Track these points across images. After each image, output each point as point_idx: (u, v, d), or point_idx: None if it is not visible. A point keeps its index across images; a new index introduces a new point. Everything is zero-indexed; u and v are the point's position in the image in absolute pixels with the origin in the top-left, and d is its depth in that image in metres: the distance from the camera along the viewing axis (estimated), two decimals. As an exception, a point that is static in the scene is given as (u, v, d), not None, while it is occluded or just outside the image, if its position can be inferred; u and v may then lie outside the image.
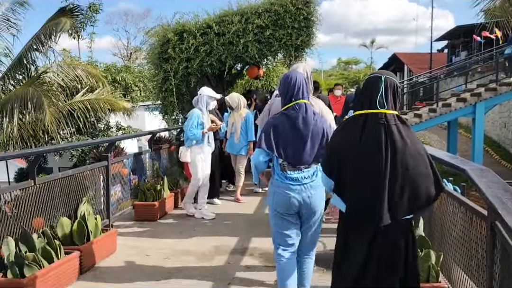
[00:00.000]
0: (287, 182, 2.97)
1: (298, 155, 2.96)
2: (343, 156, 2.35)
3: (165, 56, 7.50)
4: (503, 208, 1.97)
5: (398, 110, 2.37)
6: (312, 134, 2.96)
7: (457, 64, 24.46)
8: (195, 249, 4.67)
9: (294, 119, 2.97)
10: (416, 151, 2.26)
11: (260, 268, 4.11)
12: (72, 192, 4.56)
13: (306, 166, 2.97)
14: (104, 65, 15.63)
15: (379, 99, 2.29)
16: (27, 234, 3.61)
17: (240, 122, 6.73)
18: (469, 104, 15.98)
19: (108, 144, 5.71)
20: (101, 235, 4.36)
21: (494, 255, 2.37)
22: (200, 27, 7.36)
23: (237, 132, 6.76)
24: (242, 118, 6.76)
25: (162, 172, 6.89)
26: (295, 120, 2.96)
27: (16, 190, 3.84)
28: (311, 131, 2.96)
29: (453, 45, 31.30)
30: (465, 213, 2.96)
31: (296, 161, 2.96)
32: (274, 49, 7.24)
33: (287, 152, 2.96)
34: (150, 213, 5.83)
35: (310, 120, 2.97)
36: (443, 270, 3.37)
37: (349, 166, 2.32)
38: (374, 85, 2.34)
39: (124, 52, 37.63)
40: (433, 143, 22.98)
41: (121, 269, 4.14)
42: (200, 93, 5.86)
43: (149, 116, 16.72)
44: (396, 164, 2.22)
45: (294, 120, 2.97)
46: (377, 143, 2.24)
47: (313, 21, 7.18)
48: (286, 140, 2.96)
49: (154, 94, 8.82)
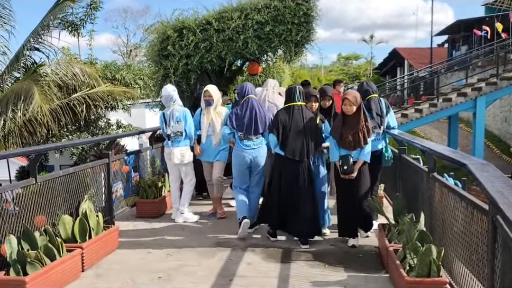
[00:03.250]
0: (242, 147, 4.97)
1: (248, 130, 4.94)
2: (283, 125, 4.55)
3: (165, 53, 7.48)
4: (504, 203, 1.98)
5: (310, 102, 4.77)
6: (259, 118, 4.95)
7: (458, 59, 24.42)
8: (197, 245, 4.68)
9: (248, 108, 4.98)
10: (314, 121, 4.61)
11: (261, 264, 4.12)
12: (74, 190, 4.57)
13: (255, 137, 4.98)
14: (104, 62, 15.59)
15: (297, 97, 4.59)
16: (29, 232, 3.62)
17: (219, 123, 5.51)
18: (469, 98, 15.97)
19: (109, 142, 5.71)
20: (102, 233, 4.37)
21: (496, 249, 2.38)
22: (200, 23, 7.34)
23: (215, 135, 5.54)
24: (221, 116, 5.55)
25: (163, 169, 6.90)
26: (249, 109, 4.97)
27: (17, 188, 3.85)
28: (258, 116, 4.95)
29: (453, 39, 31.23)
30: (466, 207, 2.96)
31: (248, 133, 4.95)
32: (274, 45, 7.22)
33: (243, 128, 4.95)
34: (151, 210, 5.84)
35: (257, 110, 4.97)
36: (445, 265, 3.37)
37: (286, 130, 4.53)
38: (294, 90, 4.62)
39: (123, 50, 37.60)
40: (434, 138, 22.96)
41: (123, 266, 4.15)
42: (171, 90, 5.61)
43: (149, 114, 16.74)
44: (307, 128, 4.54)
45: (247, 109, 4.98)
46: (299, 118, 4.55)
47: (313, 16, 7.15)
48: (242, 121, 4.96)
49: (154, 92, 8.80)
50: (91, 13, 13.46)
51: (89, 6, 13.38)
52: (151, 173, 6.78)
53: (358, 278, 3.76)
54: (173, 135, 5.51)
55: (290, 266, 4.06)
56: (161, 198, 5.95)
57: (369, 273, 3.87)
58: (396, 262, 3.41)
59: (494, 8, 24.27)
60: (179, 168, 5.66)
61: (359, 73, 49.93)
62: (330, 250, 4.48)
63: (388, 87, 24.73)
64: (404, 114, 16.44)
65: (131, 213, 5.95)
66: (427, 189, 3.94)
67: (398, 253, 3.53)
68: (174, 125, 5.48)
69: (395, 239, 3.90)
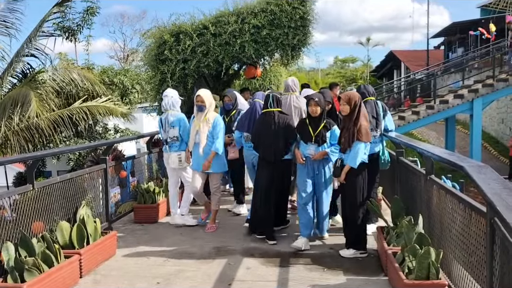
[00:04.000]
0: (248, 147, 5.52)
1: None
2: (258, 131, 5.01)
3: (162, 58, 7.47)
4: (501, 205, 1.98)
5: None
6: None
7: (454, 61, 24.51)
8: (195, 250, 4.66)
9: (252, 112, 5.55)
10: (285, 125, 4.83)
11: (260, 269, 4.11)
12: (71, 196, 4.56)
13: None
14: (102, 67, 15.58)
15: (270, 104, 4.91)
16: (26, 238, 3.60)
17: (205, 132, 5.23)
18: (466, 100, 16.01)
19: (106, 147, 5.70)
20: (100, 238, 4.35)
21: (494, 251, 2.38)
22: (197, 28, 7.34)
23: (202, 143, 5.23)
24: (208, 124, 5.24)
25: (160, 173, 6.89)
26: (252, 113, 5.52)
27: (15, 195, 3.83)
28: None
29: (449, 41, 31.35)
30: (464, 209, 2.96)
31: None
32: (271, 49, 7.22)
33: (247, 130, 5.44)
34: (149, 215, 5.82)
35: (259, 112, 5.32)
36: (443, 267, 3.37)
37: (260, 135, 4.94)
38: (267, 98, 4.95)
39: (120, 55, 37.57)
40: (431, 139, 23.01)
41: (121, 272, 4.13)
42: (171, 95, 5.59)
43: (147, 118, 16.70)
44: (278, 133, 4.80)
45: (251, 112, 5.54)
46: (271, 123, 4.84)
47: (309, 20, 7.16)
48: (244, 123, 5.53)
49: (151, 96, 8.80)
50: (88, 18, 13.47)
51: (86, 12, 13.39)
52: (149, 178, 6.77)
53: (357, 282, 3.75)
54: (169, 140, 5.56)
55: (289, 270, 4.05)
56: (159, 203, 5.94)
57: (368, 276, 3.86)
58: (395, 265, 3.41)
59: (489, 10, 24.41)
60: (178, 173, 5.66)
61: (356, 76, 50.01)
62: (329, 253, 4.48)
63: (385, 89, 24.78)
64: (401, 117, 16.48)
65: (129, 218, 5.93)
66: (425, 192, 3.94)
67: (397, 256, 3.53)
68: (169, 130, 5.53)
69: (393, 242, 3.90)
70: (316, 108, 4.54)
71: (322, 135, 4.55)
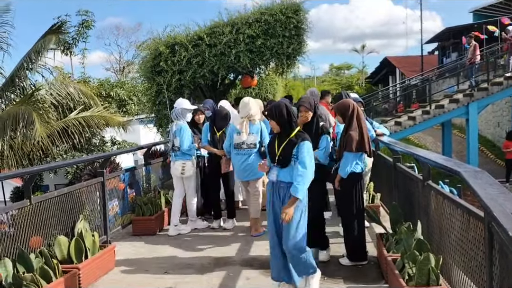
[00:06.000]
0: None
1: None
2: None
3: (158, 69, 7.51)
4: (498, 210, 1.98)
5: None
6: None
7: (448, 66, 24.66)
8: (195, 261, 4.64)
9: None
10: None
11: (259, 279, 4.09)
12: (69, 210, 4.54)
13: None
14: (98, 80, 15.61)
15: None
16: (24, 254, 3.58)
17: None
18: (462, 104, 16.07)
19: (103, 160, 5.69)
20: (99, 252, 4.33)
21: (493, 256, 2.38)
22: (192, 39, 7.39)
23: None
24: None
25: (158, 185, 6.87)
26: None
27: (12, 210, 3.81)
28: None
29: (443, 46, 31.57)
30: (462, 215, 2.96)
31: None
32: (266, 58, 7.27)
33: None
34: (148, 227, 5.79)
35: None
36: (443, 273, 3.36)
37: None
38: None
39: (116, 67, 37.64)
40: (428, 144, 23.05)
41: (120, 286, 4.10)
42: (176, 106, 5.71)
43: (143, 130, 16.68)
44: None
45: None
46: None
47: (303, 29, 7.23)
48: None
49: (148, 108, 8.81)
50: (83, 31, 13.53)
51: (81, 25, 13.45)
52: (146, 189, 6.75)
53: (358, 289, 3.74)
54: (176, 149, 5.69)
55: (289, 280, 4.02)
56: (157, 215, 5.92)
57: (368, 283, 3.85)
58: (395, 272, 3.40)
59: (482, 15, 24.64)
60: (183, 182, 5.78)
61: (351, 82, 50.19)
62: (329, 261, 4.46)
63: (381, 95, 24.88)
64: (397, 122, 16.52)
65: (127, 231, 5.90)
66: (423, 197, 3.95)
67: (397, 263, 3.52)
68: (173, 139, 5.70)
69: (393, 249, 3.89)
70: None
71: (285, 153, 3.47)
